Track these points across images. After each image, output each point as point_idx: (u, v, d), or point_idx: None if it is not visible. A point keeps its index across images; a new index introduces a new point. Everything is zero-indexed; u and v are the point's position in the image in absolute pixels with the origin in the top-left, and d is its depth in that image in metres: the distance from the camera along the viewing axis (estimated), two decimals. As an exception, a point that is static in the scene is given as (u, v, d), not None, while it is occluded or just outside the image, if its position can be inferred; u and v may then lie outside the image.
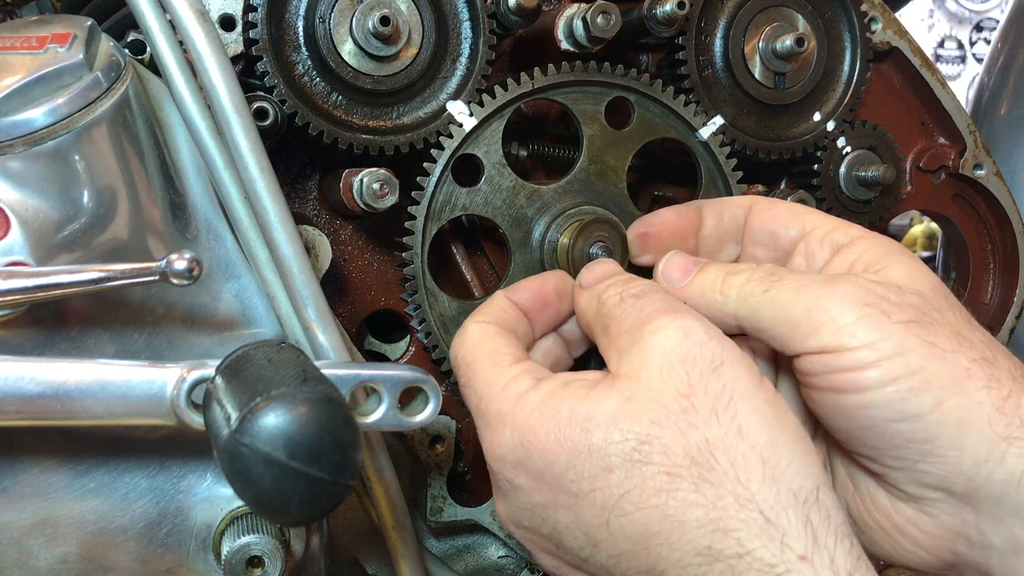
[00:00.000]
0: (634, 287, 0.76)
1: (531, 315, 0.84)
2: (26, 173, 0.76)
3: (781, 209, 0.84)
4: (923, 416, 0.66)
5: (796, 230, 0.82)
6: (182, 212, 0.86)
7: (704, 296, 0.77)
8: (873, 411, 0.67)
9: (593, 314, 0.79)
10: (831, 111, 1.16)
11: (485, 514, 1.11)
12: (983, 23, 5.92)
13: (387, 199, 0.94)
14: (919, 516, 0.72)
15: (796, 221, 0.82)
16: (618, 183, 1.05)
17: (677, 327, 0.69)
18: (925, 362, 0.66)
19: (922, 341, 0.67)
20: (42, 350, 0.80)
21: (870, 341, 0.67)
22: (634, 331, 0.71)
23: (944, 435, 0.66)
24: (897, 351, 0.66)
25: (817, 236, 0.80)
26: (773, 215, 0.84)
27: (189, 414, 0.75)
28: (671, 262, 0.82)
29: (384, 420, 0.78)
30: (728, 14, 1.09)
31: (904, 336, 0.67)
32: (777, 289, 0.72)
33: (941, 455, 0.67)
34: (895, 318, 0.68)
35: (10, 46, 0.78)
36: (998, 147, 1.53)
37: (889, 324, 0.67)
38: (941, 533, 0.71)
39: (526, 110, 1.11)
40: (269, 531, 0.86)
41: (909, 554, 0.73)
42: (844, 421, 0.70)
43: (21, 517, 0.83)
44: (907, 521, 0.72)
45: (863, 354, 0.67)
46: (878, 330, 0.67)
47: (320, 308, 0.87)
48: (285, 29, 0.95)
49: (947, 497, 0.69)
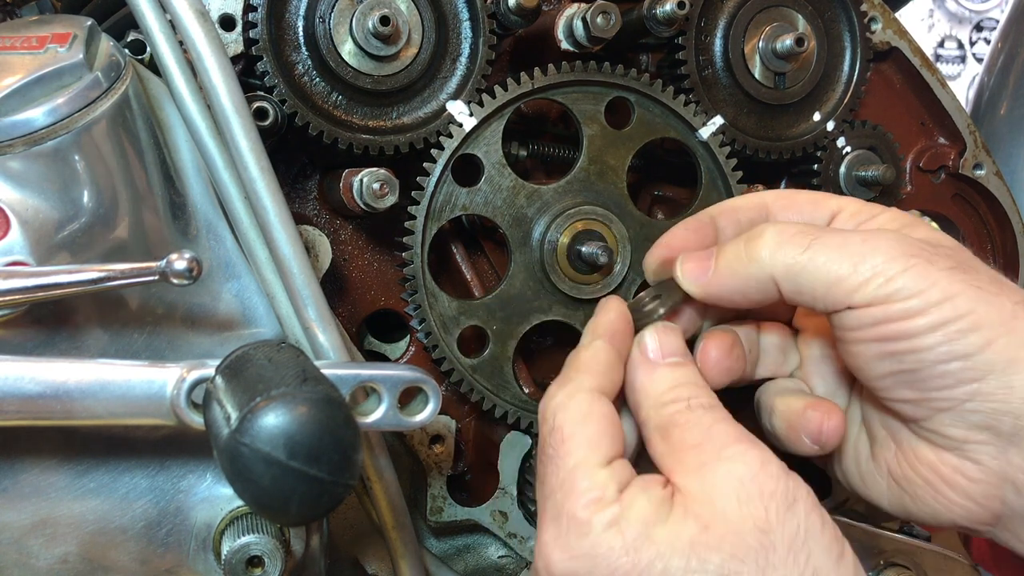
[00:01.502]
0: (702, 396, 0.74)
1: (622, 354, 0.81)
2: (26, 173, 0.76)
3: (802, 200, 0.82)
4: (972, 355, 0.67)
5: (824, 216, 0.81)
6: (182, 212, 0.86)
7: (735, 272, 0.76)
8: (922, 354, 0.69)
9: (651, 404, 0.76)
10: (831, 111, 1.16)
11: (485, 514, 1.11)
12: (983, 23, 5.91)
13: (387, 199, 0.94)
14: (964, 463, 0.72)
15: (822, 208, 0.81)
16: (618, 183, 1.05)
17: (755, 457, 0.68)
18: (973, 304, 0.68)
19: (968, 285, 0.68)
20: (42, 350, 0.80)
21: (919, 290, 0.68)
22: (704, 450, 0.70)
23: (993, 373, 0.68)
24: (945, 296, 0.68)
25: (844, 218, 0.80)
26: (796, 210, 0.82)
27: (189, 414, 0.75)
28: (686, 263, 0.81)
29: (384, 420, 0.78)
30: (728, 14, 1.09)
31: (950, 282, 0.68)
32: (816, 248, 0.72)
33: (989, 393, 0.68)
34: (939, 265, 0.69)
35: (10, 46, 0.78)
36: (998, 147, 1.53)
37: (935, 271, 0.68)
38: (988, 479, 0.71)
39: (526, 110, 1.11)
40: (269, 531, 0.86)
41: (957, 507, 0.74)
42: (892, 367, 0.71)
43: (21, 517, 0.83)
44: (953, 470, 0.73)
45: (912, 303, 0.68)
46: (925, 278, 0.68)
47: (320, 308, 0.87)
48: (285, 29, 0.95)
49: (993, 439, 0.70)
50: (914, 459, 0.76)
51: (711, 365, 0.80)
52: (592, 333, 0.81)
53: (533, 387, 1.13)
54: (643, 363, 0.79)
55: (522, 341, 1.04)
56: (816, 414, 0.80)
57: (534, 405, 1.05)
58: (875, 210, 0.79)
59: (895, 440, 0.78)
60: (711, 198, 1.08)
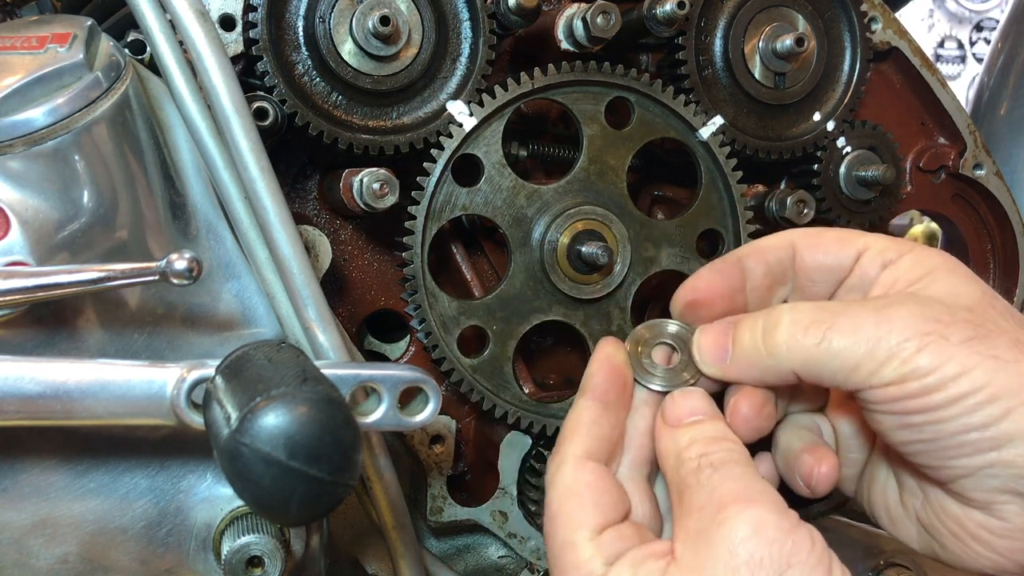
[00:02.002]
0: (715, 452, 0.73)
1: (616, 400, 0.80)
2: (26, 173, 0.76)
3: (829, 240, 0.81)
4: (991, 426, 0.67)
5: (850, 255, 0.80)
6: (182, 212, 0.86)
7: (752, 364, 0.76)
8: (941, 426, 0.69)
9: (671, 466, 0.75)
10: (831, 111, 1.16)
11: (485, 514, 1.11)
12: (983, 23, 5.92)
13: (387, 199, 0.94)
14: (989, 520, 0.72)
15: (848, 247, 0.80)
16: (618, 183, 1.05)
17: (747, 520, 0.66)
18: (991, 376, 0.67)
19: (985, 356, 0.68)
20: (42, 350, 0.80)
21: (935, 366, 0.68)
22: (704, 514, 0.69)
23: (1012, 441, 0.67)
24: (961, 370, 0.67)
25: (870, 256, 0.79)
26: (823, 249, 0.81)
27: (189, 414, 0.75)
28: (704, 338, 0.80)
29: (384, 420, 0.78)
30: (728, 14, 1.09)
31: (967, 355, 0.68)
32: (831, 337, 0.71)
33: (1010, 461, 0.68)
34: (954, 339, 0.68)
35: (10, 46, 0.78)
36: (998, 147, 1.53)
37: (950, 347, 0.68)
38: (1014, 535, 0.71)
39: (526, 110, 1.11)
40: (269, 531, 0.86)
41: (983, 559, 0.74)
42: (912, 436, 0.71)
43: (21, 517, 0.83)
44: (978, 526, 0.73)
45: (929, 380, 0.68)
46: (940, 354, 0.68)
47: (320, 308, 0.87)
48: (285, 29, 0.95)
49: (1016, 499, 0.70)
50: (941, 512, 0.76)
51: (740, 422, 0.78)
52: (579, 390, 0.81)
53: (533, 387, 1.13)
54: (664, 429, 0.78)
55: (522, 341, 1.03)
56: (809, 459, 0.80)
57: (534, 405, 1.05)
58: (902, 248, 0.78)
59: (922, 491, 0.78)
60: (711, 198, 1.08)
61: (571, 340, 1.17)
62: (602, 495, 0.74)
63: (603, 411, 0.78)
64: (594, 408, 0.78)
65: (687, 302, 0.82)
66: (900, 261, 0.77)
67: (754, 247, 0.83)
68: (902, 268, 0.76)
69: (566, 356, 1.19)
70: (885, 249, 0.78)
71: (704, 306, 0.82)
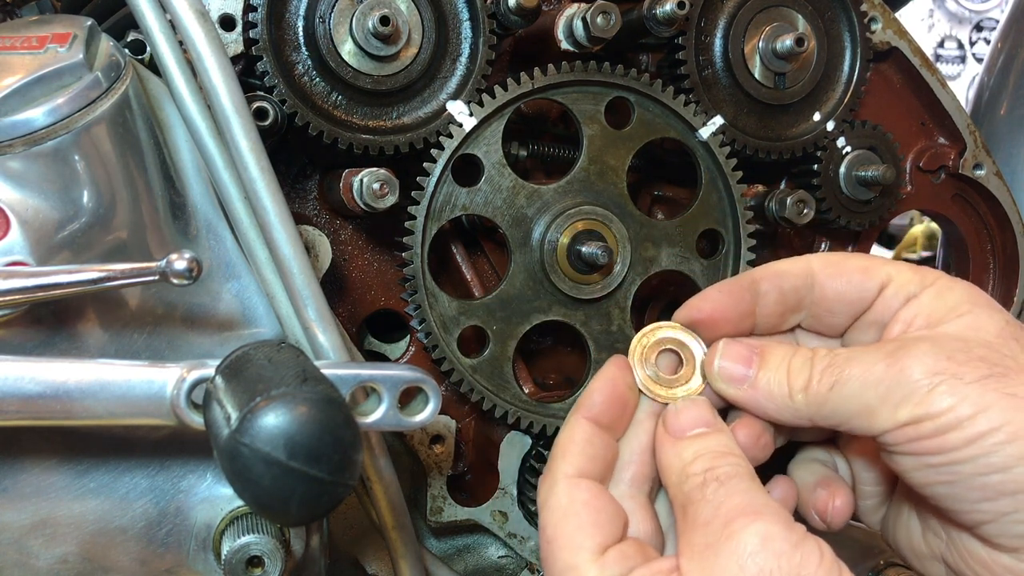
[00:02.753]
0: (721, 467, 0.71)
1: (612, 424, 0.78)
2: (26, 173, 0.76)
3: (852, 268, 0.78)
4: (1012, 468, 0.66)
5: (873, 287, 0.77)
6: (182, 212, 0.86)
7: (773, 402, 0.74)
8: (960, 467, 0.67)
9: (675, 481, 0.73)
10: (831, 111, 1.16)
11: (485, 514, 1.11)
12: (983, 23, 5.92)
13: (387, 199, 0.94)
14: (1018, 564, 0.70)
15: (872, 278, 0.77)
16: (618, 183, 1.05)
17: (755, 533, 0.65)
18: (1008, 415, 0.65)
19: (1001, 395, 0.66)
20: (42, 350, 0.80)
21: (949, 406, 0.66)
22: (711, 529, 0.67)
23: None
24: (977, 410, 0.66)
25: (892, 289, 0.77)
26: (846, 278, 0.78)
27: (189, 414, 0.75)
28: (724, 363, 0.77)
29: (384, 420, 0.78)
30: (728, 14, 1.09)
31: (981, 394, 0.66)
32: (844, 383, 0.70)
33: None
34: (968, 378, 0.67)
35: (10, 46, 0.78)
36: (998, 147, 1.53)
37: (963, 386, 0.67)
38: None
39: (526, 110, 1.11)
40: (269, 531, 0.86)
41: None
42: (931, 478, 0.69)
43: (21, 517, 0.83)
44: (1005, 570, 0.71)
45: (944, 420, 0.66)
46: (953, 394, 0.66)
47: (320, 308, 0.87)
48: (285, 29, 0.95)
49: None
50: (966, 554, 0.74)
51: None
52: (574, 406, 0.78)
53: (533, 387, 1.13)
54: (665, 439, 0.76)
55: (522, 341, 1.04)
56: (823, 493, 0.79)
57: (534, 405, 1.05)
58: (925, 280, 0.76)
59: (947, 536, 0.77)
60: (711, 198, 1.08)
61: (571, 340, 1.17)
62: (599, 514, 0.72)
63: (596, 431, 0.76)
64: (587, 427, 0.76)
65: (689, 321, 0.80)
66: (922, 295, 0.75)
67: (770, 270, 0.80)
68: (923, 303, 0.74)
69: (566, 356, 1.19)
70: (908, 282, 0.76)
71: (707, 327, 0.79)
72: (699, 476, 0.71)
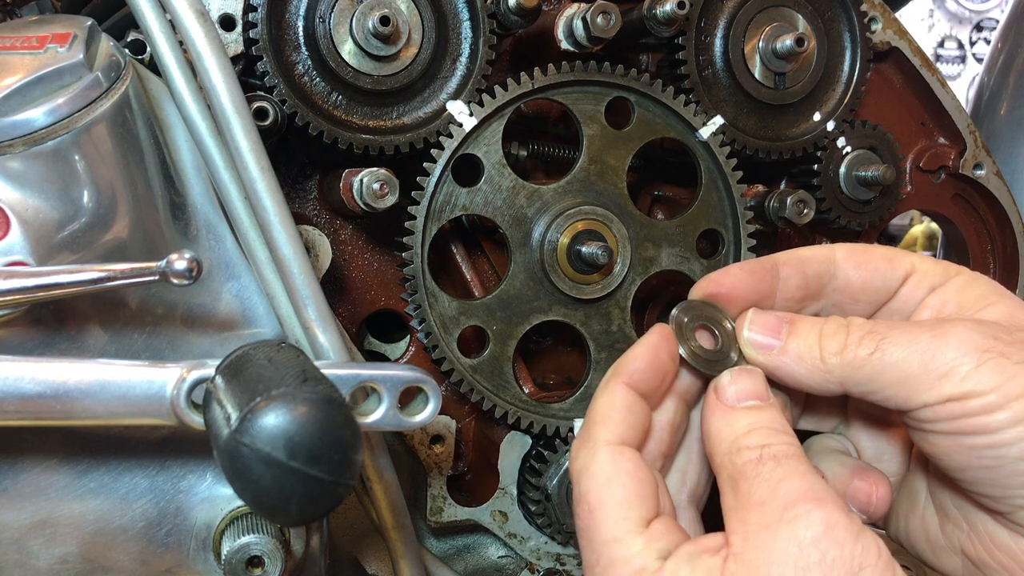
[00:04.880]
0: (777, 445, 0.69)
1: (650, 393, 0.75)
2: (26, 173, 0.76)
3: (877, 258, 0.77)
4: None
5: (898, 276, 0.77)
6: (182, 212, 0.86)
7: (803, 365, 0.73)
8: (1003, 450, 0.66)
9: (725, 449, 0.71)
10: (831, 111, 1.16)
11: (485, 514, 1.11)
12: (983, 23, 5.92)
13: (387, 199, 0.94)
14: None
15: (897, 268, 0.77)
16: (618, 183, 1.05)
17: (819, 519, 0.63)
18: None
19: None
20: (42, 350, 0.80)
21: (996, 385, 0.65)
22: (767, 509, 0.65)
23: None
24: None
25: (916, 279, 0.76)
26: (872, 267, 0.77)
27: (189, 414, 0.75)
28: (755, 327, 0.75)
29: (384, 420, 0.78)
30: (728, 14, 1.09)
31: None
32: (885, 349, 0.69)
33: None
34: (1015, 359, 0.66)
35: (10, 46, 0.78)
36: (998, 147, 1.53)
37: (1011, 365, 0.65)
38: None
39: (526, 110, 1.11)
40: (269, 531, 0.86)
41: None
42: (969, 461, 0.68)
43: (21, 517, 0.83)
44: None
45: (990, 398, 0.65)
46: (1001, 373, 0.65)
47: (320, 308, 0.87)
48: (285, 29, 0.95)
49: None
50: (990, 544, 0.73)
51: None
52: (612, 371, 0.75)
53: (533, 387, 1.13)
54: (717, 407, 0.73)
55: (522, 341, 1.04)
56: (864, 484, 0.77)
57: (534, 405, 1.05)
58: (949, 271, 0.75)
59: (968, 522, 0.75)
60: (711, 198, 1.08)
61: (571, 340, 1.17)
62: (644, 485, 0.69)
63: (637, 399, 0.74)
64: (628, 394, 0.73)
65: (707, 294, 0.78)
66: (948, 285, 0.74)
67: (793, 255, 0.79)
68: (950, 291, 0.74)
69: (566, 356, 1.19)
70: (932, 272, 0.76)
71: (724, 302, 0.78)
72: (754, 451, 0.69)
